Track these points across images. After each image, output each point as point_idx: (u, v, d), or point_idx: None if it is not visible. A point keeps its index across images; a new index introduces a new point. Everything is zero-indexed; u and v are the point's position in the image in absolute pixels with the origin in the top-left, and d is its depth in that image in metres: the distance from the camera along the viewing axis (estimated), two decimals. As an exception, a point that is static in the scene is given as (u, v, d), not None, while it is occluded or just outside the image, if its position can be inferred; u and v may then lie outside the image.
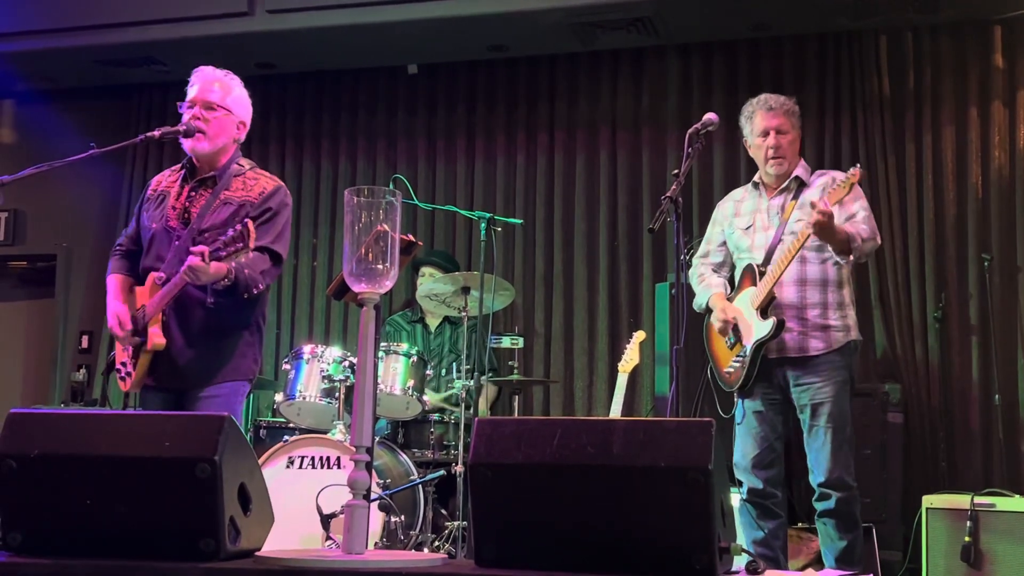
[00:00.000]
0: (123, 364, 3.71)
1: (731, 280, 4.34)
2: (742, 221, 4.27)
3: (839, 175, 4.16)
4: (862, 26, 5.98)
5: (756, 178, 4.32)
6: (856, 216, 4.06)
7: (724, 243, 4.35)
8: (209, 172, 3.76)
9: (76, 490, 2.51)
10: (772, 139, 4.16)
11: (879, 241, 4.15)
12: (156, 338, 3.57)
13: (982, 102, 5.91)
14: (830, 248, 3.96)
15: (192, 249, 3.43)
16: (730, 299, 4.20)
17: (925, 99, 5.98)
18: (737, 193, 4.42)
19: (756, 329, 4.04)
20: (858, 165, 3.98)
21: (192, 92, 3.77)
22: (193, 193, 3.75)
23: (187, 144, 3.73)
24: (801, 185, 4.15)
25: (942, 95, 5.96)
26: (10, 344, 7.47)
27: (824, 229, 3.84)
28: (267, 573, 2.41)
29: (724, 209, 4.40)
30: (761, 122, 4.19)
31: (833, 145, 6.04)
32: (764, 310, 4.02)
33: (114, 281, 3.82)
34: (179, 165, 3.87)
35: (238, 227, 3.48)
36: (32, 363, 7.47)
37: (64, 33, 6.47)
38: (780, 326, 3.98)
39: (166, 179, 3.88)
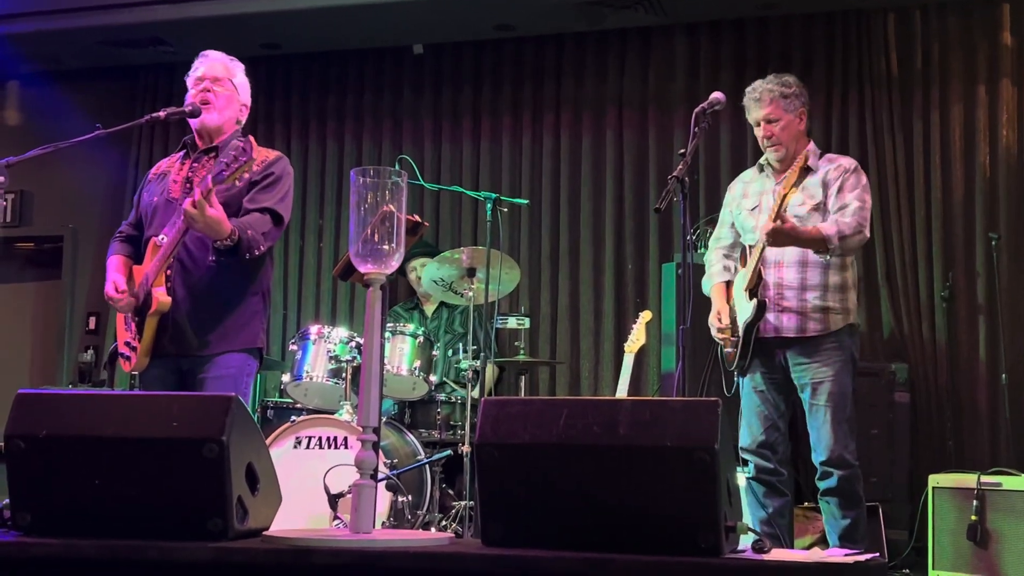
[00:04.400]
0: (127, 344, 3.71)
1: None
2: (749, 202, 4.28)
3: (845, 161, 4.20)
4: (870, 5, 5.97)
5: (763, 160, 4.31)
6: (847, 208, 4.05)
7: (733, 224, 4.36)
8: (210, 146, 3.77)
9: (84, 470, 2.52)
10: (764, 129, 4.18)
11: (867, 235, 4.11)
12: (161, 297, 3.55)
13: (990, 80, 5.90)
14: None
15: (196, 186, 3.45)
16: (730, 283, 4.25)
17: (933, 78, 5.97)
18: (747, 174, 4.42)
19: (742, 312, 4.09)
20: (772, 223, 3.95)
21: (198, 71, 3.79)
22: (195, 164, 3.75)
23: (195, 121, 3.75)
24: (807, 171, 4.14)
25: (950, 73, 5.95)
26: (17, 325, 7.50)
27: (777, 238, 3.92)
28: (275, 552, 2.43)
29: (734, 191, 4.41)
30: (753, 113, 4.23)
31: (840, 123, 6.05)
32: (753, 291, 4.05)
33: (113, 260, 3.81)
34: (179, 150, 3.88)
35: (238, 145, 3.49)
36: (39, 344, 7.51)
37: (69, 13, 6.48)
38: (761, 307, 4.01)
39: (165, 163, 3.90)
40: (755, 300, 4.03)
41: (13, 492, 2.57)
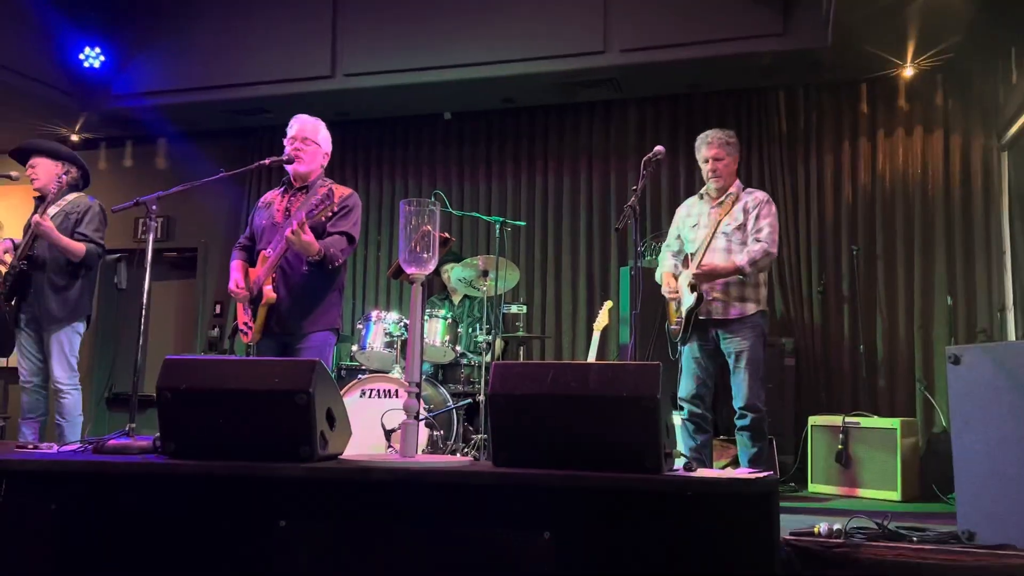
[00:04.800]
0: (245, 323, 3.71)
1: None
2: (690, 220, 4.27)
3: (760, 194, 4.19)
4: (768, 84, 5.95)
5: (703, 191, 4.29)
6: (761, 232, 4.05)
7: (679, 236, 4.33)
8: (302, 185, 3.76)
9: (212, 413, 2.52)
10: (710, 164, 4.18)
11: (774, 253, 4.08)
12: (269, 294, 3.57)
13: (852, 138, 5.88)
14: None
15: (293, 218, 3.47)
16: (677, 275, 4.22)
17: (812, 136, 5.95)
18: (691, 201, 4.39)
19: (686, 300, 4.07)
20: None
21: (292, 131, 3.78)
22: (292, 198, 3.75)
23: (290, 167, 3.74)
24: (735, 200, 4.13)
25: (824, 133, 5.93)
26: (165, 311, 7.50)
27: (700, 280, 3.99)
28: (347, 470, 2.43)
29: (681, 212, 4.38)
30: (703, 152, 4.22)
31: (746, 169, 6.01)
32: (693, 286, 4.03)
33: (235, 264, 3.82)
34: (280, 186, 3.87)
35: (322, 192, 3.50)
36: (180, 324, 7.50)
37: (201, 91, 6.46)
38: (700, 298, 4.01)
39: (270, 195, 3.89)
40: (696, 293, 4.01)
41: (162, 428, 2.58)
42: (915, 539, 2.64)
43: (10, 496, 2.58)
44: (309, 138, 3.76)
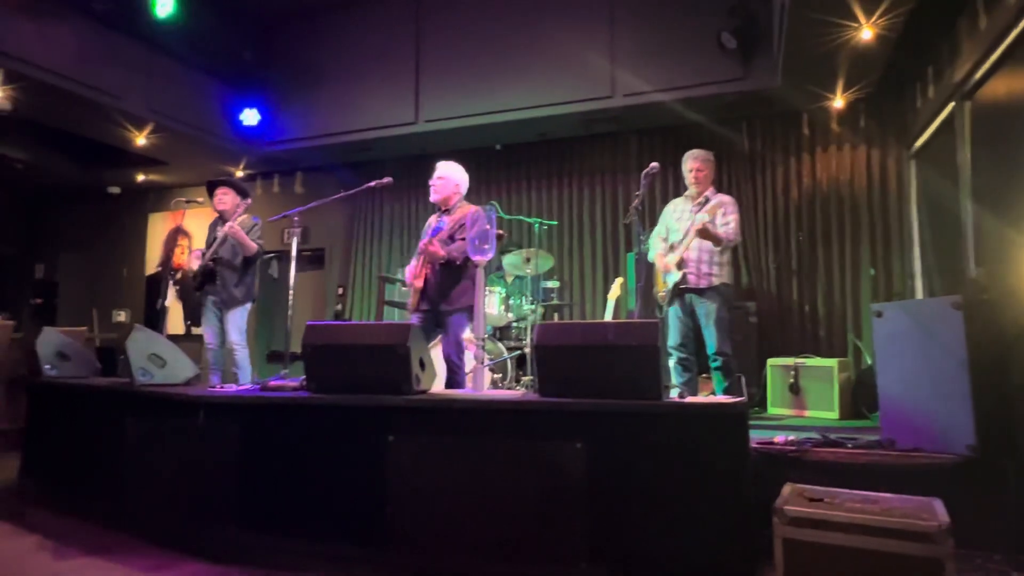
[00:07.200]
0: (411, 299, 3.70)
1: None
2: (675, 215, 4.17)
3: (726, 197, 4.08)
4: (734, 116, 5.79)
5: (686, 194, 4.20)
6: (728, 225, 3.96)
7: (667, 226, 4.24)
8: (445, 208, 3.74)
9: (341, 360, 2.57)
10: (693, 174, 4.09)
11: (739, 239, 3.99)
12: (416, 283, 3.59)
13: (796, 154, 5.71)
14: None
15: (432, 245, 3.50)
16: (665, 254, 4.14)
17: (767, 153, 5.79)
18: (677, 200, 4.28)
19: (673, 276, 4.00)
20: (707, 216, 3.84)
21: (436, 171, 3.75)
22: (440, 217, 3.73)
23: (432, 197, 3.71)
24: (707, 200, 4.04)
25: (776, 151, 5.76)
26: (304, 293, 7.65)
27: (703, 235, 3.84)
28: (435, 401, 2.46)
29: (668, 208, 4.28)
30: (688, 164, 4.13)
31: (719, 179, 5.85)
32: (678, 265, 3.97)
33: (412, 262, 3.77)
34: (437, 211, 3.81)
35: (458, 217, 3.50)
36: (314, 302, 7.64)
37: (324, 137, 6.54)
38: (684, 277, 3.95)
39: (432, 217, 3.83)
40: (681, 272, 3.94)
41: (306, 372, 2.64)
42: (849, 445, 2.59)
43: (208, 420, 2.67)
44: (443, 175, 3.75)
